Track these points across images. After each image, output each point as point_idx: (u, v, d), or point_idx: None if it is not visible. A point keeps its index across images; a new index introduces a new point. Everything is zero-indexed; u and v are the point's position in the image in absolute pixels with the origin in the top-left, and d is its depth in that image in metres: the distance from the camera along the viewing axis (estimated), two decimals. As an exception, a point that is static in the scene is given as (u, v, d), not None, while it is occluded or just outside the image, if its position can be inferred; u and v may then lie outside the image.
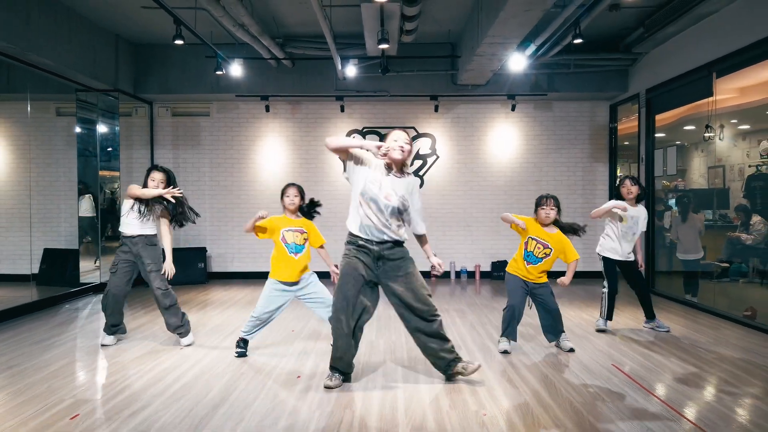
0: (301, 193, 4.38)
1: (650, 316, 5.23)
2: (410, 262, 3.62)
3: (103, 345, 4.65)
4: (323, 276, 4.58)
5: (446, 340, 3.66)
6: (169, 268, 4.60)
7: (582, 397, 3.40)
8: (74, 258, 7.75)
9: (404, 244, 3.63)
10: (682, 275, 6.89)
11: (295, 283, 4.30)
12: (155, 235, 4.70)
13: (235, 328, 5.23)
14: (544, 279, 4.36)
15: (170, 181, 4.66)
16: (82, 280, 7.53)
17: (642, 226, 5.09)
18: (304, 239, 4.35)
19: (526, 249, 4.32)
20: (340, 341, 3.57)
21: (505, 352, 4.36)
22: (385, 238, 3.53)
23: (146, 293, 7.24)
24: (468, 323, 5.49)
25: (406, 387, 3.60)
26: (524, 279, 4.35)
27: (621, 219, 5.04)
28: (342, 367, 3.65)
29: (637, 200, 5.09)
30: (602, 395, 3.42)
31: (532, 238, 4.32)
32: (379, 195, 3.49)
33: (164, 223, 4.71)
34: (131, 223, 4.60)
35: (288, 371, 3.92)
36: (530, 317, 5.40)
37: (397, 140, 3.56)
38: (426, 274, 4.12)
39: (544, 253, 4.28)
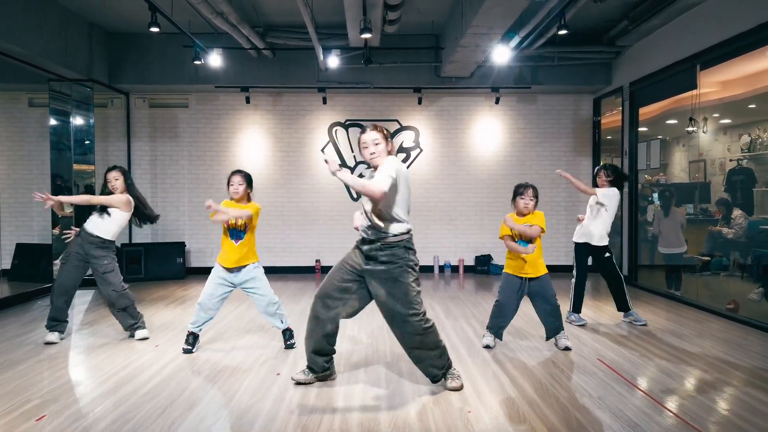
0: (248, 180, 4.19)
1: (624, 308, 5.16)
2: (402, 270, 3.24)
3: (47, 342, 4.44)
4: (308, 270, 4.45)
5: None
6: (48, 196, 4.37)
7: (567, 392, 3.33)
8: (47, 253, 7.53)
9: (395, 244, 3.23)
10: (665, 269, 6.89)
11: (236, 271, 4.15)
12: (113, 242, 4.57)
13: (212, 324, 5.08)
14: (543, 269, 4.20)
15: (126, 176, 4.61)
16: (55, 275, 7.30)
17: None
18: (245, 224, 4.14)
19: (516, 240, 4.16)
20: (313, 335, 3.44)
21: (487, 346, 4.28)
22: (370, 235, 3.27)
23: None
24: (452, 317, 5.42)
25: (389, 383, 3.50)
26: (521, 277, 4.17)
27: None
28: (315, 366, 3.49)
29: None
30: (588, 390, 3.36)
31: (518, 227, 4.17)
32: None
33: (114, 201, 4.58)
34: (96, 221, 4.51)
35: (267, 368, 3.81)
36: (520, 315, 5.35)
37: (367, 147, 3.24)
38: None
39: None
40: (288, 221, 8.56)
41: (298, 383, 3.45)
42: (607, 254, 5.07)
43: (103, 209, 4.48)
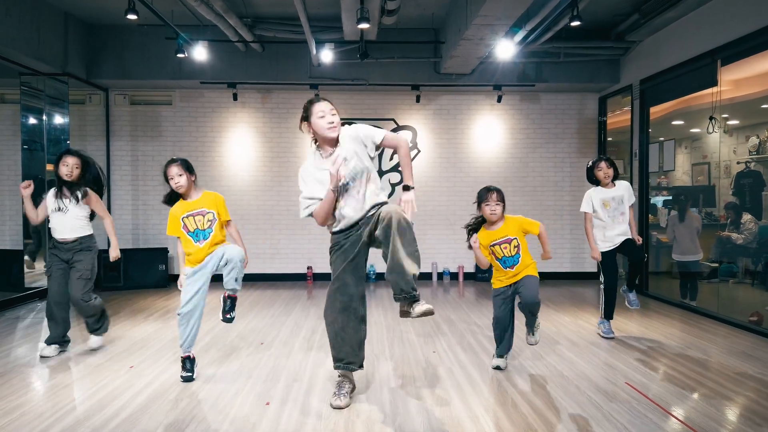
0: (188, 168, 3.66)
1: (631, 286, 4.79)
2: None
3: (42, 356, 4.09)
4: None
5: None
6: (114, 253, 4.23)
7: (602, 428, 2.90)
8: (19, 260, 7.00)
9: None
10: (679, 277, 6.52)
11: (206, 260, 3.61)
12: (92, 236, 4.22)
13: (197, 340, 4.60)
14: (533, 270, 3.73)
15: (87, 166, 4.19)
16: (27, 284, 6.79)
17: (629, 199, 4.67)
18: (209, 222, 3.62)
19: (498, 259, 3.74)
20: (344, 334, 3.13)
21: (497, 368, 3.85)
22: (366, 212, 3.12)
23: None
24: (458, 333, 4.97)
25: (396, 410, 3.05)
26: (509, 285, 3.76)
27: (605, 204, 4.61)
28: (355, 360, 3.19)
29: (614, 179, 4.69)
30: (624, 424, 2.93)
31: (494, 245, 3.72)
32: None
33: (96, 204, 4.20)
34: (60, 225, 4.10)
35: (255, 396, 3.34)
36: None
37: (324, 116, 3.05)
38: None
39: (515, 246, 3.70)
40: (278, 225, 8.09)
41: (341, 408, 3.08)
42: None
43: (59, 209, 4.10)
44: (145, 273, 7.48)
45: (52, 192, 4.15)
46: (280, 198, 8.09)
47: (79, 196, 4.10)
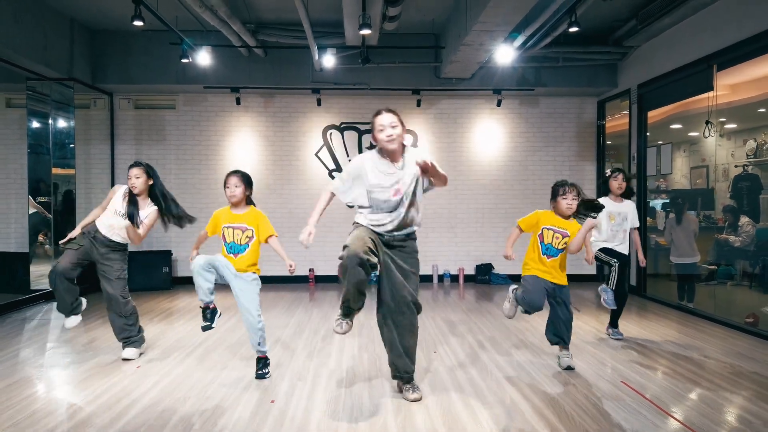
0: (246, 181, 3.76)
1: (614, 323, 4.88)
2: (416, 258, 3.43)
3: (66, 328, 4.21)
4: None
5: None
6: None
7: (597, 423, 2.98)
8: (25, 262, 7.09)
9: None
10: (676, 279, 6.59)
11: (236, 271, 3.66)
12: (126, 245, 4.17)
13: (202, 340, 4.70)
14: (565, 280, 3.86)
15: (150, 174, 4.09)
16: (33, 286, 6.87)
17: (633, 221, 4.77)
18: (248, 238, 3.70)
19: (542, 242, 3.81)
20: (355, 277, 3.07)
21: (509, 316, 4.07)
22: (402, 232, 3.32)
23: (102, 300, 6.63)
24: (458, 334, 5.05)
25: (398, 410, 3.13)
26: (545, 279, 3.81)
27: (610, 217, 4.70)
28: (357, 306, 3.20)
29: (624, 196, 4.78)
30: (619, 420, 3.01)
31: (549, 229, 3.79)
32: (387, 195, 3.24)
33: (145, 226, 4.13)
34: (108, 224, 4.05)
35: (260, 395, 3.42)
36: (529, 329, 5.02)
37: (383, 129, 3.14)
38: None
39: (564, 243, 3.79)
40: (280, 229, 8.09)
41: (339, 333, 3.25)
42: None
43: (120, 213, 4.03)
44: (149, 275, 7.56)
45: (123, 190, 4.07)
46: (282, 201, 8.18)
47: (142, 215, 4.03)
